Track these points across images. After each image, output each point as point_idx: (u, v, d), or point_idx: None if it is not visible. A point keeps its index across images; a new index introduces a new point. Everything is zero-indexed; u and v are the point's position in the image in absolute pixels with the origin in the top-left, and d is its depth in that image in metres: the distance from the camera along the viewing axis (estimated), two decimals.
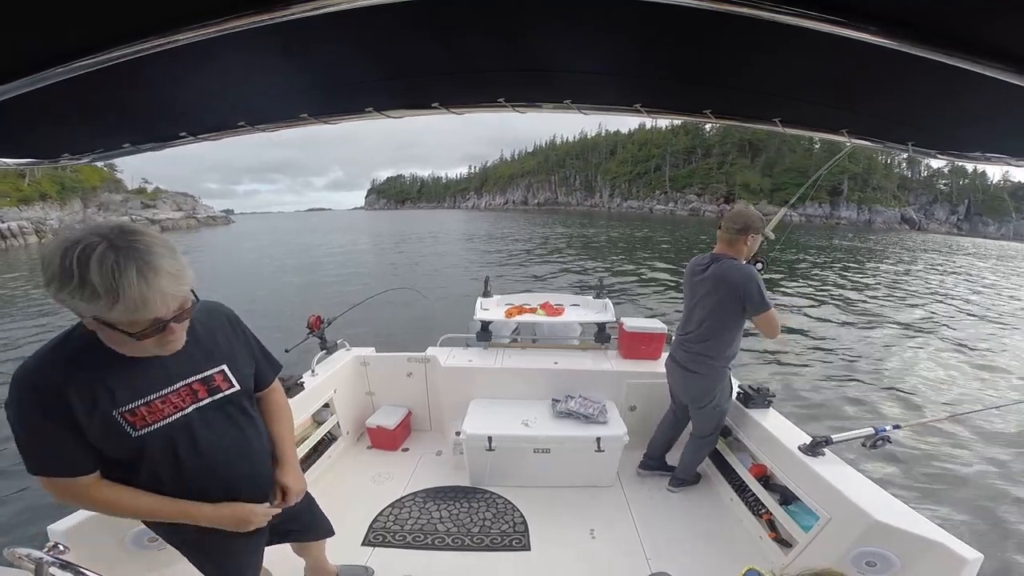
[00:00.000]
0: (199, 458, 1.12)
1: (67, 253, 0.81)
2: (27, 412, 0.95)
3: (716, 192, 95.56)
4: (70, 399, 0.94)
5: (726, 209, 39.89)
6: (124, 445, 1.02)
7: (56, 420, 0.95)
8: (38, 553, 0.96)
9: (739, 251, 2.17)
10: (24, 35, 0.77)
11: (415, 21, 0.93)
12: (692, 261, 2.39)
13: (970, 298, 13.31)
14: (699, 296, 2.26)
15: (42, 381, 0.95)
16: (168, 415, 1.07)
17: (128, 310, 0.85)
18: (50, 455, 0.99)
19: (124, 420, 1.01)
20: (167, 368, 1.07)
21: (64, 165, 1.54)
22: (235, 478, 1.21)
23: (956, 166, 68.62)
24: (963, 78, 0.76)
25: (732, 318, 2.17)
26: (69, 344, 0.98)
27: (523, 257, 21.01)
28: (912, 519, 1.64)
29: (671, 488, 2.63)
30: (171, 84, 1.13)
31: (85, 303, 0.83)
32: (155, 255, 0.86)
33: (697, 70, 1.17)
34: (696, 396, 2.38)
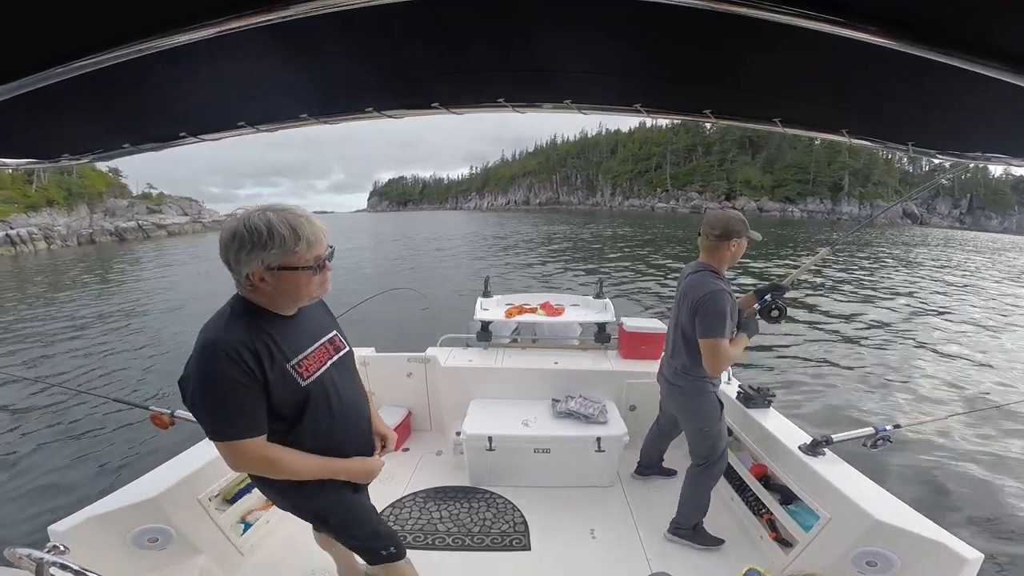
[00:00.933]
0: (343, 406, 1.29)
1: (248, 222, 1.05)
2: (223, 377, 1.06)
3: (717, 189, 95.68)
4: (260, 358, 1.09)
5: (727, 206, 37.86)
6: (296, 395, 1.17)
7: (250, 380, 1.08)
8: (38, 553, 0.96)
9: (722, 259, 1.98)
10: (24, 35, 0.77)
11: (415, 21, 0.93)
12: (684, 271, 2.22)
13: (970, 295, 13.30)
14: (679, 306, 2.11)
15: (234, 346, 1.07)
16: (319, 368, 1.23)
17: (308, 244, 1.09)
18: (243, 416, 1.11)
19: (295, 371, 1.17)
20: (308, 328, 1.26)
21: (64, 166, 1.54)
22: (362, 430, 1.40)
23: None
24: (963, 78, 0.76)
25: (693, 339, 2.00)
26: (235, 314, 1.14)
27: (524, 257, 21.03)
28: (913, 519, 1.64)
29: (668, 536, 2.25)
30: (171, 84, 1.13)
31: (276, 250, 1.06)
32: (302, 211, 1.12)
33: (697, 70, 1.17)
34: (678, 409, 2.23)
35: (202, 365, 1.07)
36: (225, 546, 2.02)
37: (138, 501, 1.73)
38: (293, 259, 1.09)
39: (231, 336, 1.08)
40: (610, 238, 31.70)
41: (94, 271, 21.76)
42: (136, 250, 34.68)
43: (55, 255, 33.90)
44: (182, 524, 1.82)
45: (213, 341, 1.08)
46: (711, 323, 1.85)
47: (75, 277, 19.75)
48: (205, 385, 1.07)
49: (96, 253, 33.88)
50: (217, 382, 1.06)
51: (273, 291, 1.13)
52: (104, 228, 48.44)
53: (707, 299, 1.87)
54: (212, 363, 1.06)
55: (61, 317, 11.37)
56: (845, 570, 1.71)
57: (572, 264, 18.24)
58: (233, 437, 1.11)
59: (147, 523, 1.75)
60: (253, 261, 1.06)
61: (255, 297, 1.15)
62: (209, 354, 1.06)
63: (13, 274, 21.90)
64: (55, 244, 41.23)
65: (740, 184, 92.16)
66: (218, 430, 1.11)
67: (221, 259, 1.10)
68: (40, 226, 42.29)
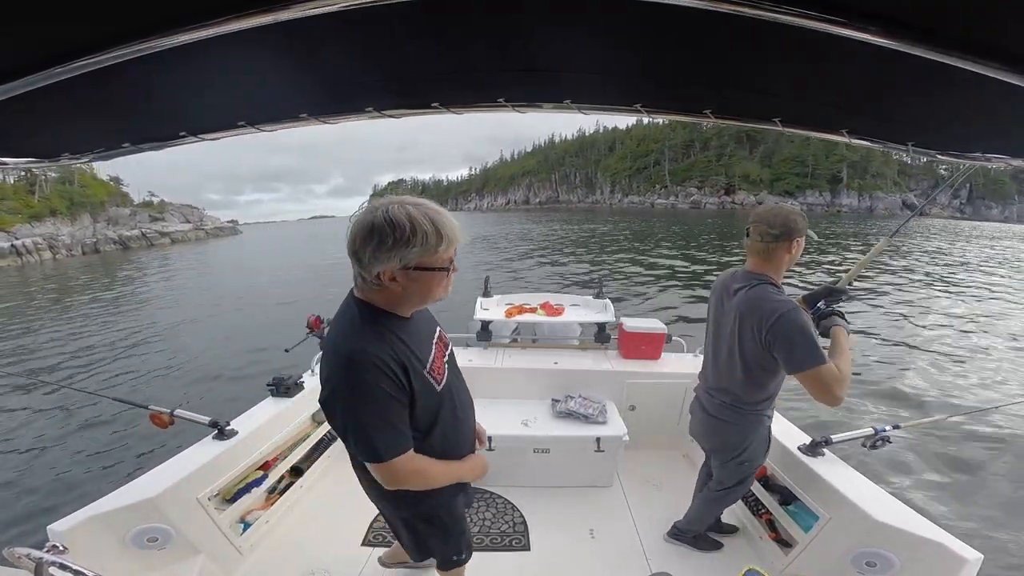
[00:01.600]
0: (464, 408, 1.27)
1: (388, 216, 0.94)
2: (377, 391, 0.98)
3: (716, 184, 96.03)
4: (405, 367, 1.02)
5: (727, 201, 36.34)
6: (433, 403, 1.12)
7: (399, 392, 1.02)
8: (38, 553, 0.96)
9: (779, 264, 1.62)
10: (24, 35, 0.77)
11: (415, 21, 0.93)
12: (721, 279, 1.82)
13: (971, 292, 13.29)
14: (725, 330, 1.73)
15: (380, 356, 0.98)
16: (444, 370, 1.18)
17: (448, 240, 1.00)
18: (398, 432, 1.03)
19: (432, 378, 1.11)
20: (423, 328, 1.17)
21: (64, 165, 1.54)
22: (472, 427, 1.37)
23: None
24: (963, 78, 0.76)
25: (763, 367, 1.62)
26: (365, 320, 1.04)
27: (524, 257, 21.03)
28: (912, 519, 1.64)
29: (667, 538, 2.23)
30: (171, 84, 1.13)
31: (417, 248, 0.96)
32: (439, 206, 1.03)
33: (697, 70, 1.17)
34: (720, 447, 1.88)
35: (351, 379, 0.98)
36: (224, 546, 2.03)
37: (137, 501, 1.73)
38: (432, 259, 1.00)
39: (372, 346, 1.00)
40: (607, 234, 31.77)
41: (100, 280, 21.88)
42: (140, 258, 34.96)
43: (60, 265, 34.07)
44: (181, 524, 1.82)
45: (358, 352, 0.98)
46: (806, 350, 1.43)
47: (83, 285, 19.94)
48: (359, 401, 0.98)
49: (101, 262, 34.09)
50: (370, 396, 0.98)
51: (403, 292, 1.03)
52: (108, 237, 49.01)
53: (783, 323, 1.47)
54: (362, 375, 0.97)
55: (66, 323, 11.41)
56: (845, 571, 1.72)
57: (573, 264, 18.26)
58: (393, 456, 1.02)
59: (146, 523, 1.75)
60: (391, 259, 0.96)
61: (375, 298, 1.05)
62: (357, 367, 0.97)
63: (19, 284, 22.07)
64: (60, 254, 41.68)
65: (739, 179, 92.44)
66: (377, 450, 1.01)
67: (348, 253, 0.99)
68: (44, 236, 42.71)
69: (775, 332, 1.48)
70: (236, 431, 2.17)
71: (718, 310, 1.79)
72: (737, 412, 1.75)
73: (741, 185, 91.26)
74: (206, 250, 41.42)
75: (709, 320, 1.87)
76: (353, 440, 1.02)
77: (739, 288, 1.66)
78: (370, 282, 1.01)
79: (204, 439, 2.13)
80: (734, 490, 1.95)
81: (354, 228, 0.98)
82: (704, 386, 1.91)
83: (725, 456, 1.86)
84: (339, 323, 1.07)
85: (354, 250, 0.98)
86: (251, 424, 2.28)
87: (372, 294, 1.05)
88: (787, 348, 1.46)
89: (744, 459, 1.83)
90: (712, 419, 1.84)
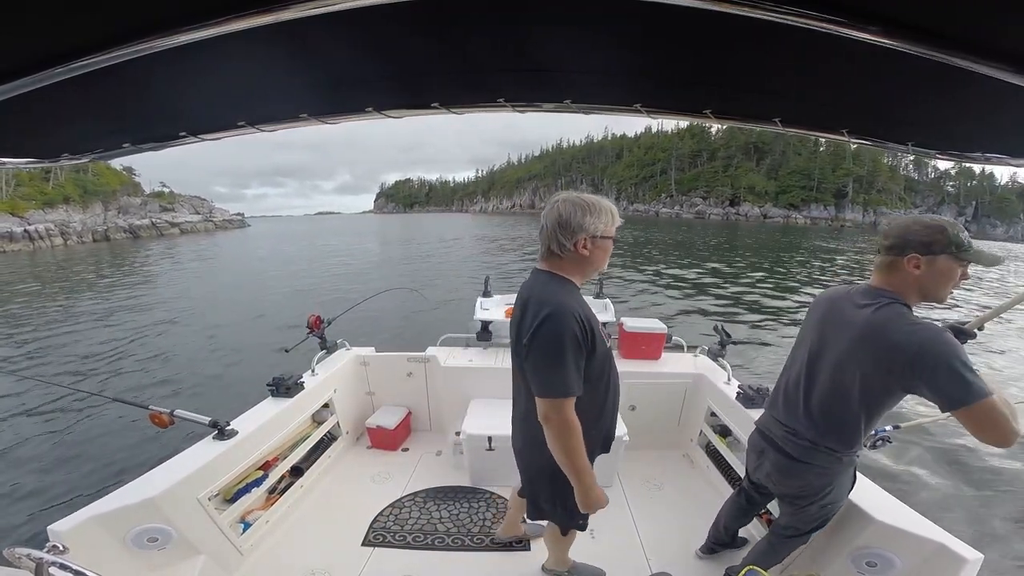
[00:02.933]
0: (615, 375, 1.49)
1: (580, 198, 1.29)
2: (572, 337, 1.23)
3: (721, 195, 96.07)
4: (589, 321, 1.29)
5: (731, 212, 36.31)
6: (603, 356, 1.37)
7: (585, 345, 1.27)
8: (38, 553, 0.96)
9: (901, 286, 1.32)
10: (24, 35, 0.77)
11: (415, 20, 0.93)
12: (833, 293, 1.52)
13: (970, 299, 13.30)
14: (830, 351, 1.43)
15: (577, 312, 1.26)
16: (603, 332, 1.41)
17: (614, 216, 1.34)
18: (575, 376, 1.25)
19: (603, 340, 1.37)
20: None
21: (64, 165, 1.54)
22: (616, 403, 1.57)
23: (963, 167, 68.72)
24: (963, 78, 0.76)
25: (880, 401, 1.37)
26: (559, 285, 1.32)
27: (529, 258, 21.10)
28: (912, 519, 1.64)
29: (700, 553, 2.17)
30: (171, 84, 1.13)
31: (604, 220, 1.31)
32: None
33: (697, 70, 1.17)
34: (798, 492, 1.59)
35: (555, 326, 1.22)
36: (225, 546, 2.03)
37: (138, 501, 1.73)
38: (610, 230, 1.32)
39: (573, 303, 1.27)
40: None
41: (106, 268, 22.35)
42: (150, 247, 35.92)
43: (70, 251, 35.30)
44: (182, 524, 1.82)
45: (563, 304, 1.24)
46: (967, 382, 1.14)
47: (88, 272, 20.41)
48: (556, 342, 1.22)
49: (110, 250, 35.08)
50: (565, 340, 1.22)
51: (589, 259, 1.32)
52: (118, 225, 50.54)
53: (935, 352, 1.18)
54: (564, 323, 1.22)
55: (68, 314, 11.43)
56: (845, 570, 1.71)
57: None
58: (563, 394, 1.24)
59: (147, 523, 1.75)
60: (589, 227, 1.27)
61: (565, 267, 1.34)
62: (561, 315, 1.22)
63: (29, 268, 22.54)
64: (71, 240, 43.10)
65: (744, 190, 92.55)
66: (555, 385, 1.24)
67: (551, 230, 1.30)
68: (56, 222, 43.98)
69: (922, 362, 1.19)
70: (236, 431, 2.17)
71: (822, 327, 1.48)
72: (828, 456, 1.47)
73: (746, 197, 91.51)
74: (215, 242, 42.34)
75: (804, 337, 1.56)
76: (544, 376, 1.25)
77: (864, 305, 1.35)
78: (568, 249, 1.29)
79: (204, 439, 2.13)
80: (810, 535, 1.68)
81: (560, 209, 1.29)
82: (779, 420, 1.60)
83: (804, 501, 1.58)
84: (539, 288, 1.33)
85: (561, 224, 1.28)
86: (251, 424, 2.28)
87: (563, 264, 1.34)
88: (948, 382, 1.16)
89: (827, 501, 1.56)
90: (794, 463, 1.53)
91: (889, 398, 1.35)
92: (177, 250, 32.10)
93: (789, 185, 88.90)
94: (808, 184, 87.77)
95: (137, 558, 1.74)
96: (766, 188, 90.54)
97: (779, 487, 1.66)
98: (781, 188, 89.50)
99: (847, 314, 1.39)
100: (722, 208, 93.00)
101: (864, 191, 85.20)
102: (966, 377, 1.14)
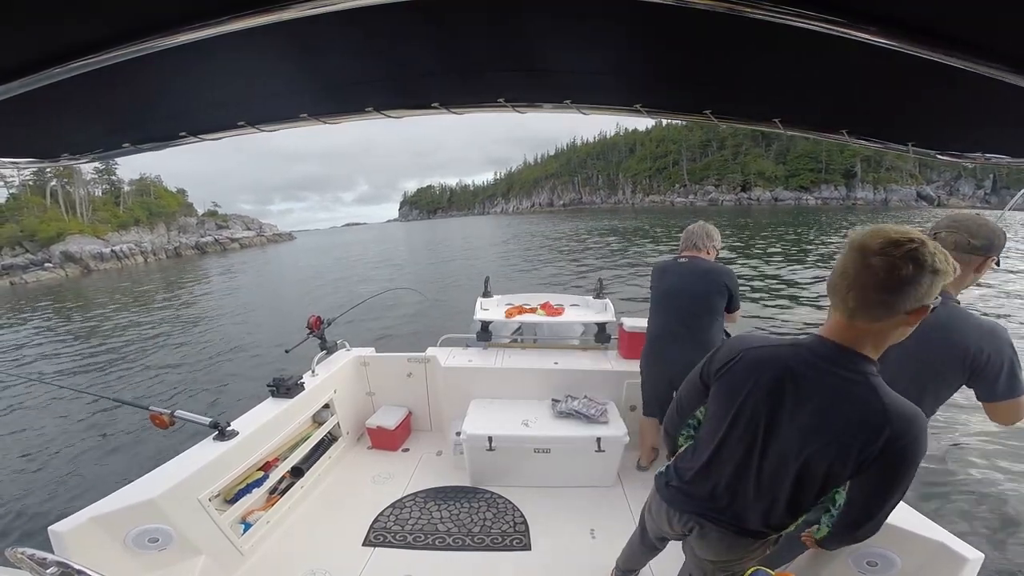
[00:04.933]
0: None
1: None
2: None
3: (732, 182, 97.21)
4: None
5: (743, 198, 35.85)
6: None
7: None
8: (39, 553, 0.96)
9: (962, 282, 1.43)
10: (24, 35, 0.77)
11: (415, 20, 0.93)
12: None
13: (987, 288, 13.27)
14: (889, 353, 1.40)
15: None
16: None
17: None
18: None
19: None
20: None
21: (64, 165, 1.54)
22: None
23: None
24: (963, 78, 0.76)
25: (942, 395, 1.46)
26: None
27: (541, 258, 21.33)
28: (913, 519, 1.64)
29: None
30: (171, 84, 1.13)
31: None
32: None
33: (697, 70, 1.17)
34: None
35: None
36: (225, 546, 2.03)
37: (138, 501, 1.73)
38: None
39: None
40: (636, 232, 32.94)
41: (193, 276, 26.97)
42: (219, 261, 40.50)
43: (154, 267, 41.17)
44: (182, 524, 1.82)
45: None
46: (1018, 377, 1.30)
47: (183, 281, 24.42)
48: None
49: (186, 264, 40.09)
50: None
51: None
52: (185, 243, 56.90)
53: (1002, 345, 1.31)
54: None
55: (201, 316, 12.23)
56: (845, 570, 1.71)
57: (574, 263, 18.25)
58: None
59: (147, 523, 1.75)
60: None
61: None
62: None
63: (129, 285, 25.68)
64: (150, 258, 49.29)
65: (754, 176, 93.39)
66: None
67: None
68: (133, 243, 50.02)
69: (994, 359, 1.30)
70: (236, 432, 2.17)
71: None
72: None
73: (757, 182, 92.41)
74: (278, 253, 48.06)
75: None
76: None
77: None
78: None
79: (204, 439, 2.13)
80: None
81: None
82: None
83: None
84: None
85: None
86: (252, 425, 2.28)
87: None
88: (1003, 376, 1.30)
89: None
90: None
91: (952, 390, 1.43)
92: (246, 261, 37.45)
93: (798, 168, 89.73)
94: (816, 166, 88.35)
95: (137, 558, 1.74)
96: (776, 173, 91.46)
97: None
98: (791, 172, 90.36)
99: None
100: (734, 194, 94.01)
101: (873, 170, 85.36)
102: (1016, 372, 1.32)
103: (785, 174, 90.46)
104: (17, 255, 41.70)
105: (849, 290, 0.95)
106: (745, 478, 1.15)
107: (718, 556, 1.27)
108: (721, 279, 2.41)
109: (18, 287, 33.73)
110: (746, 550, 1.22)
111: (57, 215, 48.51)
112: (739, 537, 1.20)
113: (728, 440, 1.17)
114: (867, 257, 0.91)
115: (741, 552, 1.23)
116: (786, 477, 1.07)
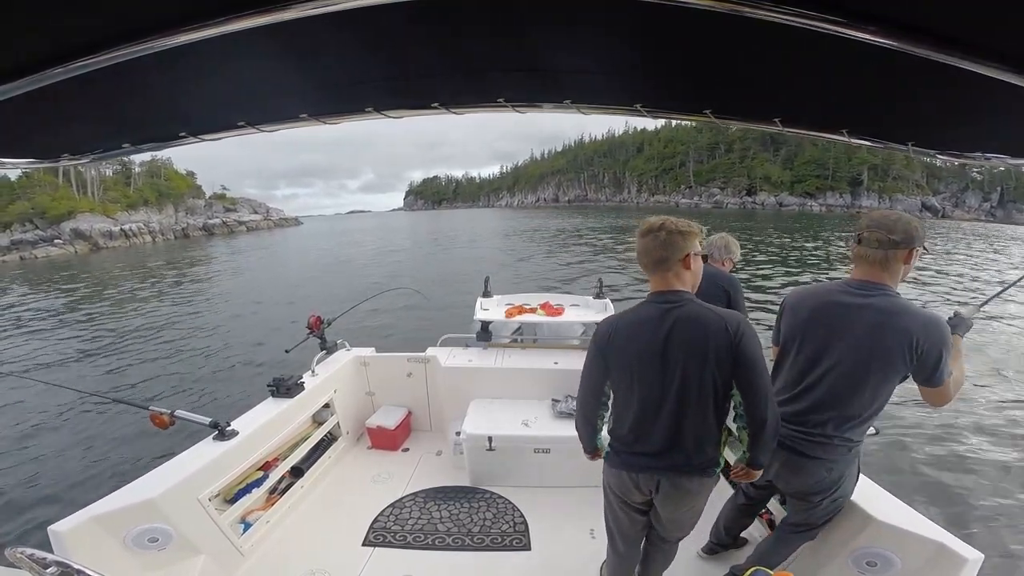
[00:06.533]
0: None
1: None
2: None
3: (738, 185, 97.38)
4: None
5: (748, 201, 34.94)
6: None
7: None
8: (39, 553, 0.96)
9: (896, 275, 1.49)
10: (24, 35, 0.77)
11: (415, 21, 0.93)
12: (813, 292, 1.64)
13: (969, 288, 13.27)
14: (837, 344, 1.52)
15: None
16: None
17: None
18: None
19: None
20: None
21: (64, 165, 1.54)
22: None
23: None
24: (963, 78, 0.76)
25: (890, 382, 1.48)
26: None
27: (543, 255, 21.34)
28: (912, 519, 1.64)
29: (702, 554, 2.18)
30: (171, 84, 1.13)
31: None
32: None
33: (697, 70, 1.17)
34: (810, 489, 1.63)
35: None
36: (225, 546, 2.03)
37: (138, 501, 1.73)
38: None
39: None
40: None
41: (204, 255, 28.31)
42: (228, 242, 41.50)
43: (162, 246, 42.61)
44: (182, 524, 1.82)
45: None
46: (946, 363, 1.41)
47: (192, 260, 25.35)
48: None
49: (195, 244, 41.27)
50: None
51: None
52: (194, 224, 57.91)
53: (944, 335, 1.40)
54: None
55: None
56: (845, 570, 1.71)
57: (575, 262, 18.25)
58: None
59: (147, 523, 1.75)
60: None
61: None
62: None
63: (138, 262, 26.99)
64: (158, 238, 50.50)
65: (760, 180, 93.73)
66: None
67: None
68: (142, 222, 51.18)
69: (933, 343, 1.39)
70: (236, 432, 2.17)
71: (816, 326, 1.57)
72: (842, 448, 1.54)
73: (762, 186, 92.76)
74: (286, 236, 49.29)
75: (794, 337, 1.63)
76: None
77: (862, 300, 1.48)
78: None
79: (204, 439, 2.13)
80: (819, 529, 1.75)
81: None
82: (784, 419, 1.57)
83: (817, 497, 1.64)
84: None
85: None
86: (251, 424, 2.28)
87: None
88: (936, 360, 1.40)
89: (839, 495, 1.64)
90: (805, 459, 1.58)
91: (899, 376, 1.48)
92: (257, 242, 38.95)
93: (804, 174, 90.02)
94: (823, 173, 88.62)
95: (137, 558, 1.74)
96: (781, 178, 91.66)
97: (789, 485, 1.71)
98: (796, 177, 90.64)
99: (847, 308, 1.52)
100: (739, 197, 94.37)
101: (880, 179, 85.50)
102: (947, 359, 1.41)
103: (791, 180, 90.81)
104: (27, 231, 42.36)
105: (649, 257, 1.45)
106: (673, 413, 1.41)
107: (680, 505, 1.55)
108: (720, 283, 2.41)
109: (27, 261, 34.72)
110: (701, 486, 1.51)
111: (68, 194, 48.86)
112: (691, 478, 1.48)
113: (645, 394, 1.44)
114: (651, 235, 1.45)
115: (698, 488, 1.51)
116: (692, 397, 1.39)
